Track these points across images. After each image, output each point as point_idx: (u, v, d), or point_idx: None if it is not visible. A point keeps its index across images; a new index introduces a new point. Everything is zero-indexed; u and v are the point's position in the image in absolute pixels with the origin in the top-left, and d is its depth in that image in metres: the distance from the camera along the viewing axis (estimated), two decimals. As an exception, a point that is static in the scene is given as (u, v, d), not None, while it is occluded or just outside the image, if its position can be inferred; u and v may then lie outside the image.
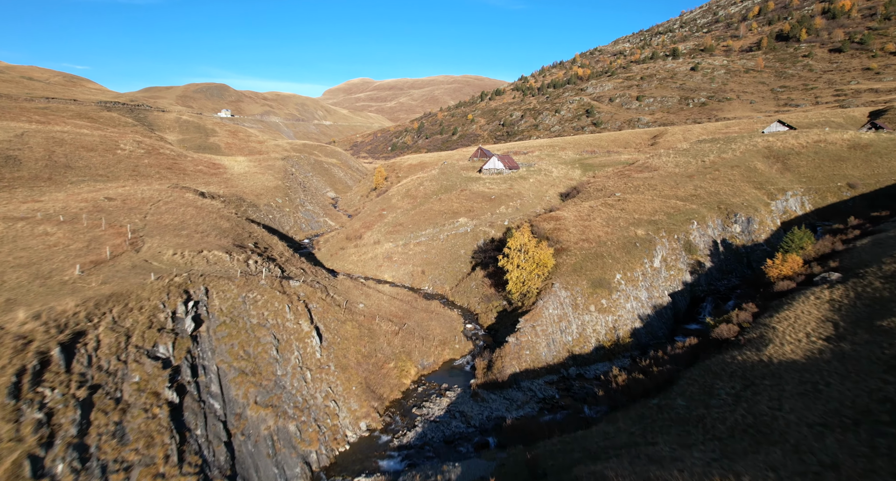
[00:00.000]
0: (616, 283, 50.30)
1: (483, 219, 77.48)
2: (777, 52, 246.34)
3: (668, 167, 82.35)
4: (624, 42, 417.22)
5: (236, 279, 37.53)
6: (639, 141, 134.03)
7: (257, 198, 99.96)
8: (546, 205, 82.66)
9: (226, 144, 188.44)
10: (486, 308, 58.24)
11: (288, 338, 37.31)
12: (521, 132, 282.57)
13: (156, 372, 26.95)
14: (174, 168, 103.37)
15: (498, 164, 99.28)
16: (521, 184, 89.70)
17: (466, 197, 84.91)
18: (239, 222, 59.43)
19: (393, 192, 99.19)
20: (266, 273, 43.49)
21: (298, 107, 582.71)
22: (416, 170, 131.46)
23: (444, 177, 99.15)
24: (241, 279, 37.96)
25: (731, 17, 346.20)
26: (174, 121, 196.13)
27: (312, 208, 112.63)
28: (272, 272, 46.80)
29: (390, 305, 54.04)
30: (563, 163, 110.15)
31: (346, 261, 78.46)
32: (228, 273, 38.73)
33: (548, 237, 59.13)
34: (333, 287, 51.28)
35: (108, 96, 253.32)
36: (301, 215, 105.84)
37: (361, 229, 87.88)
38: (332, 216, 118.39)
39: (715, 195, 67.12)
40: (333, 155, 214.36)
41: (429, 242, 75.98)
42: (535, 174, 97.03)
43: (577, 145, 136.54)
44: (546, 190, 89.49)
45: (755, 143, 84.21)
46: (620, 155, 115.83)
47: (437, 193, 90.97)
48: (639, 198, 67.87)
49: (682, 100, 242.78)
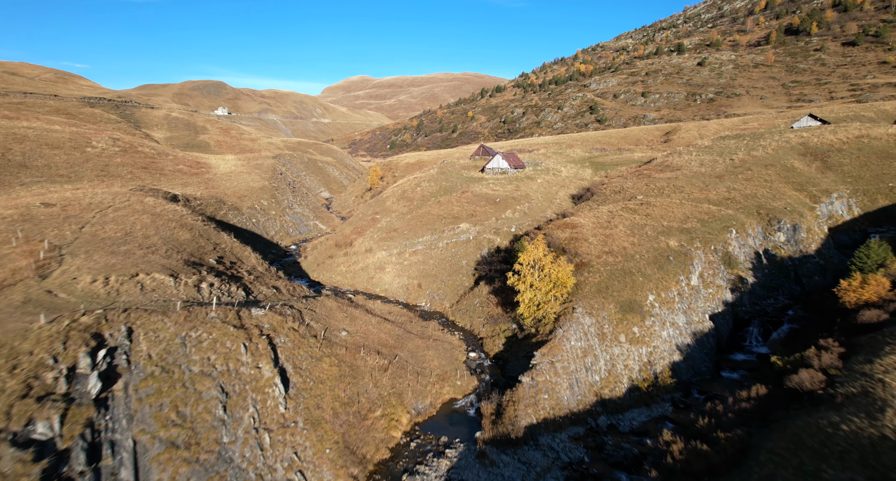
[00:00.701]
0: (649, 306, 41.72)
1: (487, 225, 68.83)
2: (787, 47, 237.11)
3: (692, 166, 73.66)
4: (626, 38, 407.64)
5: (175, 313, 28.92)
6: (650, 138, 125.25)
7: (240, 200, 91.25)
8: (557, 208, 73.93)
9: (216, 142, 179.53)
10: (492, 331, 49.67)
11: (241, 390, 28.74)
12: (523, 129, 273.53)
13: (20, 469, 18.37)
14: (151, 167, 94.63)
15: (502, 163, 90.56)
16: (528, 185, 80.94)
17: (468, 199, 76.22)
18: (204, 231, 50.76)
19: (387, 194, 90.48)
20: (219, 301, 34.87)
21: (297, 105, 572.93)
22: (414, 169, 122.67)
23: (444, 178, 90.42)
24: (183, 312, 29.34)
25: (736, 12, 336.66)
26: (162, 119, 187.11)
27: (302, 210, 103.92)
28: (233, 296, 38.16)
29: (380, 331, 45.45)
30: (572, 162, 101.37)
31: (333, 271, 69.86)
32: (167, 304, 30.10)
33: (564, 248, 50.49)
34: (311, 310, 42.67)
35: (97, 93, 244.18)
36: (288, 218, 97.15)
37: (352, 235, 79.24)
38: (324, 218, 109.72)
39: (752, 198, 58.43)
40: (329, 153, 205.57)
41: (426, 251, 67.37)
42: (543, 174, 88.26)
43: (586, 142, 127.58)
44: (556, 191, 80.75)
45: (788, 140, 75.46)
46: (633, 153, 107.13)
47: (435, 195, 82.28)
48: (665, 202, 59.19)
49: (689, 96, 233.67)
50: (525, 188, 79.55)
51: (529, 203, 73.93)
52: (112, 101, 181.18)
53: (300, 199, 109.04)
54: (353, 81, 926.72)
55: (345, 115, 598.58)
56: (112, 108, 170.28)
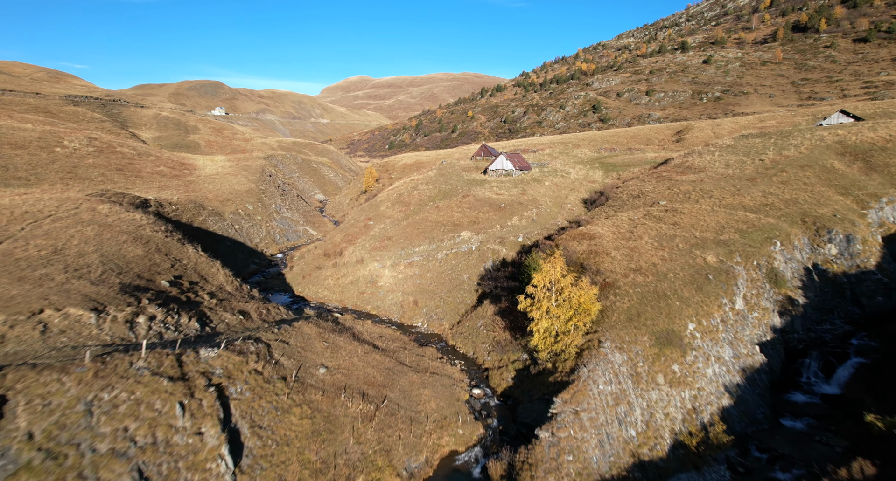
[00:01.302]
0: (689, 337, 34.35)
1: (491, 234, 61.40)
2: (795, 44, 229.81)
3: (716, 167, 66.29)
4: (628, 36, 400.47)
5: (82, 367, 21.51)
6: (661, 137, 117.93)
7: (222, 204, 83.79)
8: (568, 214, 66.47)
9: (207, 142, 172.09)
10: (499, 361, 42.27)
11: (170, 469, 21.34)
12: (524, 129, 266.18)
13: None
14: (127, 169, 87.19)
15: (506, 164, 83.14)
16: (535, 189, 73.47)
17: (469, 204, 68.78)
18: (164, 244, 43.32)
19: (382, 198, 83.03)
20: (159, 340, 27.43)
21: (295, 105, 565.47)
22: (411, 170, 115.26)
23: (443, 180, 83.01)
24: (94, 365, 21.92)
25: (740, 10, 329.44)
26: (152, 118, 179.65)
27: (291, 215, 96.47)
28: (182, 330, 30.73)
29: (367, 364, 38.06)
30: (581, 163, 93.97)
31: (320, 285, 62.47)
32: (75, 353, 22.68)
33: (582, 264, 43.10)
34: (283, 342, 35.25)
35: (88, 92, 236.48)
36: (276, 224, 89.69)
37: (343, 243, 71.83)
38: (316, 223, 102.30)
39: (793, 204, 51.04)
40: (325, 153, 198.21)
41: (423, 263, 59.97)
42: (551, 176, 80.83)
43: (593, 142, 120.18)
44: (566, 195, 73.33)
45: (821, 138, 68.09)
46: (644, 153, 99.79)
47: (433, 199, 74.85)
48: (694, 208, 51.80)
49: (694, 94, 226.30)
50: (532, 192, 72.07)
51: (537, 208, 66.46)
52: (99, 100, 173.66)
53: (290, 203, 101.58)
54: (352, 82, 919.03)
55: (343, 116, 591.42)
56: (98, 107, 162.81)
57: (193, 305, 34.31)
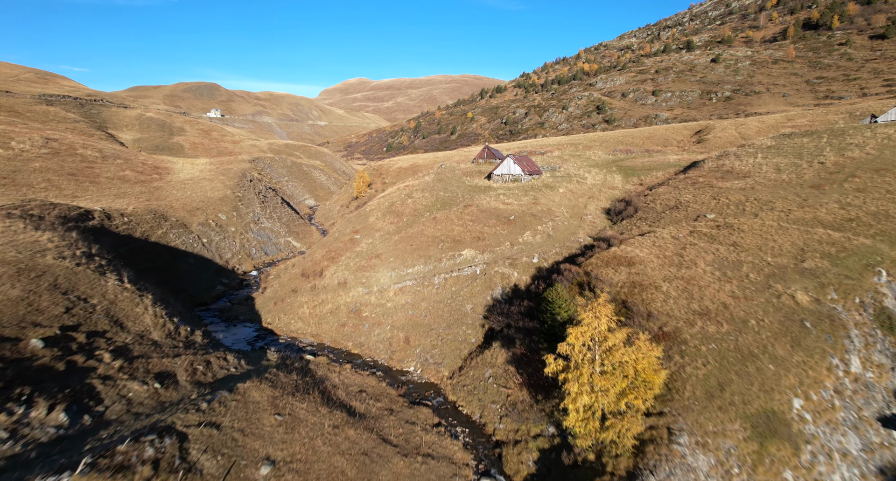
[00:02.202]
0: (797, 421, 23.41)
1: (499, 253, 50.42)
2: (808, 41, 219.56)
3: (765, 172, 55.44)
4: (630, 37, 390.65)
5: None
6: (679, 138, 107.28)
7: (190, 214, 72.77)
8: (590, 228, 55.44)
9: (191, 144, 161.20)
10: (516, 433, 31.27)
11: None
12: (525, 130, 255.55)
13: None
14: (82, 174, 76.22)
15: (514, 169, 72.21)
16: (548, 197, 62.46)
17: (472, 216, 57.77)
18: (68, 277, 32.27)
19: (372, 207, 72.01)
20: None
21: (292, 107, 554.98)
22: (407, 174, 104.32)
23: (442, 186, 72.07)
24: None
25: (746, 9, 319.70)
26: (135, 119, 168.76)
27: (271, 225, 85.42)
28: (28, 435, 19.64)
29: (334, 448, 27.05)
30: (596, 166, 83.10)
31: (294, 314, 51.49)
32: None
33: (625, 302, 32.17)
34: (211, 427, 24.24)
35: (72, 92, 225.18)
36: (252, 236, 78.65)
37: (324, 261, 60.84)
38: (301, 234, 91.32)
39: (886, 218, 40.14)
40: (317, 156, 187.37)
41: (417, 288, 48.99)
42: (565, 181, 69.88)
43: (606, 143, 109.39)
44: (584, 204, 62.36)
45: (888, 136, 57.33)
46: (665, 155, 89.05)
47: (430, 209, 63.91)
48: (755, 224, 40.89)
49: (703, 94, 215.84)
50: (545, 200, 61.04)
51: (553, 221, 55.42)
52: (78, 100, 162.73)
53: (271, 211, 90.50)
54: (350, 84, 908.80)
55: (341, 118, 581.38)
56: (75, 107, 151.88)
57: (75, 378, 23.29)
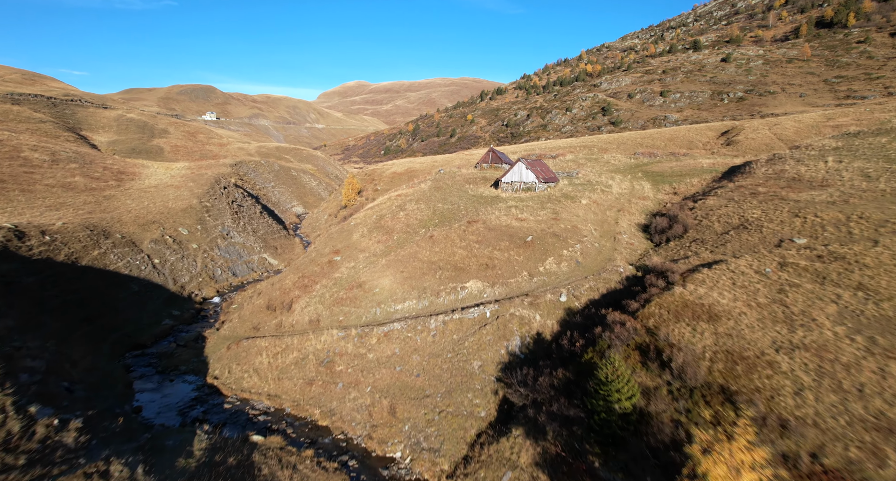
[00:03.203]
0: None
1: (514, 286, 38.44)
2: (823, 40, 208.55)
3: (849, 180, 43.65)
4: (633, 38, 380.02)
5: None
6: (705, 140, 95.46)
7: (142, 229, 60.76)
8: (628, 252, 43.43)
9: (172, 147, 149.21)
10: None
11: None
12: (528, 133, 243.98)
13: None
14: (14, 180, 64.30)
15: (526, 175, 60.11)
16: (571, 210, 50.52)
17: (479, 235, 45.76)
18: None
19: (357, 221, 59.99)
20: None
21: (290, 110, 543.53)
22: (401, 180, 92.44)
23: (440, 196, 60.16)
24: None
25: (752, 8, 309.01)
26: (113, 120, 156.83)
27: (244, 240, 73.39)
28: None
29: None
30: (618, 172, 71.35)
31: (248, 364, 39.48)
32: None
33: (723, 389, 20.21)
34: None
35: (60, 93, 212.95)
36: (219, 253, 66.63)
37: (295, 289, 48.84)
38: (280, 248, 79.29)
39: None
40: (309, 159, 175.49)
41: (408, 334, 37.01)
42: (587, 190, 58.02)
43: (623, 145, 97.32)
44: (615, 219, 50.44)
45: None
46: (694, 158, 77.27)
47: (426, 225, 51.96)
48: (883, 256, 29.03)
49: (714, 94, 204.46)
50: (568, 215, 49.04)
51: (581, 243, 43.41)
52: (51, 100, 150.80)
53: (245, 223, 78.42)
54: (349, 87, 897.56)
55: (339, 120, 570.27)
56: (46, 107, 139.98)
57: None
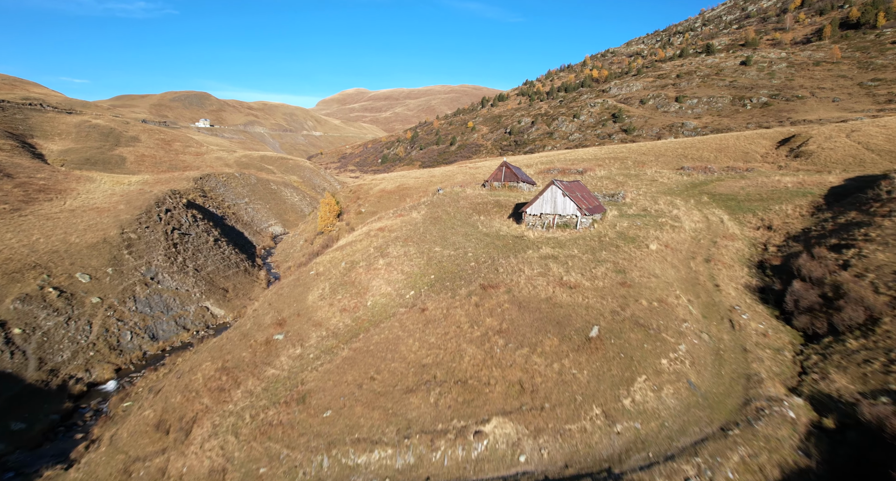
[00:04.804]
0: None
1: (579, 445, 19.56)
2: (851, 41, 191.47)
3: None
4: (638, 43, 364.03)
5: None
6: (762, 150, 76.95)
7: (9, 279, 42.03)
8: (771, 359, 24.44)
9: (138, 157, 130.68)
10: None
11: None
12: (532, 141, 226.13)
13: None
14: None
15: (563, 205, 40.51)
16: (640, 264, 31.76)
17: (501, 317, 26.92)
18: None
19: (320, 268, 41.07)
20: None
21: (287, 117, 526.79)
22: (391, 200, 73.76)
23: (438, 233, 41.39)
24: None
25: (764, 11, 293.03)
26: (74, 126, 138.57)
27: (178, 283, 54.49)
28: None
29: None
30: (673, 194, 53.00)
31: None
32: None
33: None
34: None
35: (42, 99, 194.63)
36: (132, 308, 47.70)
37: (205, 393, 29.94)
38: (235, 290, 60.48)
39: None
40: (295, 170, 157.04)
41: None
42: (650, 226, 39.47)
43: (663, 157, 78.43)
44: (711, 278, 31.60)
45: None
46: (766, 175, 58.88)
47: (416, 284, 33.19)
48: None
49: (735, 99, 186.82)
50: (640, 275, 30.24)
51: (684, 338, 24.53)
52: (9, 103, 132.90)
53: (186, 258, 59.52)
54: (348, 94, 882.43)
55: (337, 128, 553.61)
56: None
57: None
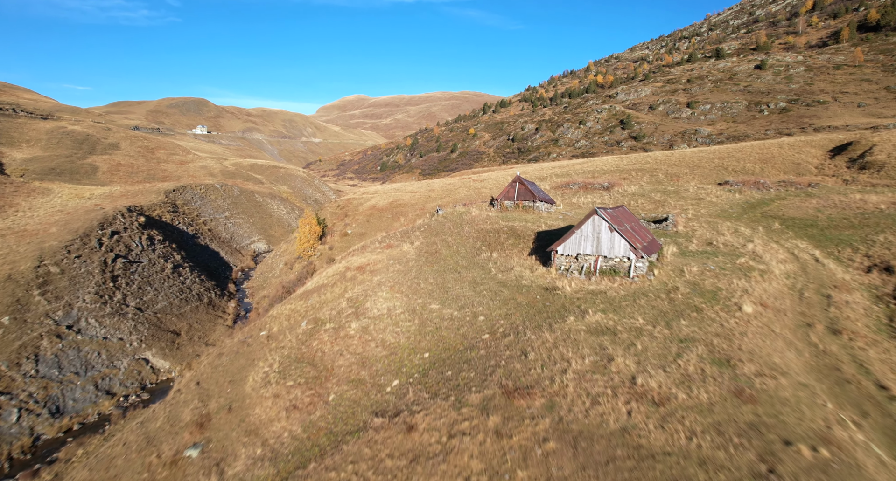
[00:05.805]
0: None
1: None
2: (872, 43, 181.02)
3: None
4: (643, 48, 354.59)
5: None
6: (814, 160, 65.79)
7: None
8: None
9: (112, 166, 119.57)
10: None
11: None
12: (537, 148, 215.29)
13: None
14: None
15: (610, 242, 28.92)
16: (745, 349, 20.35)
17: (543, 468, 15.54)
18: None
19: (273, 329, 29.57)
20: None
21: (286, 123, 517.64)
22: (381, 220, 62.41)
23: (437, 280, 29.94)
24: None
25: (773, 16, 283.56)
26: (45, 133, 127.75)
27: (107, 331, 42.85)
28: None
29: None
30: (731, 218, 41.78)
31: None
32: None
33: None
34: None
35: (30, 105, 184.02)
36: (29, 375, 36.06)
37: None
38: (188, 334, 48.89)
39: None
40: (285, 180, 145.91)
41: None
42: (727, 271, 28.42)
43: (699, 168, 67.09)
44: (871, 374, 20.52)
45: None
46: (840, 194, 47.43)
47: (402, 371, 21.78)
48: None
49: (751, 105, 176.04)
50: (750, 369, 18.63)
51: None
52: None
53: (127, 295, 47.97)
54: (348, 101, 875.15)
55: (337, 135, 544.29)
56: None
57: None
